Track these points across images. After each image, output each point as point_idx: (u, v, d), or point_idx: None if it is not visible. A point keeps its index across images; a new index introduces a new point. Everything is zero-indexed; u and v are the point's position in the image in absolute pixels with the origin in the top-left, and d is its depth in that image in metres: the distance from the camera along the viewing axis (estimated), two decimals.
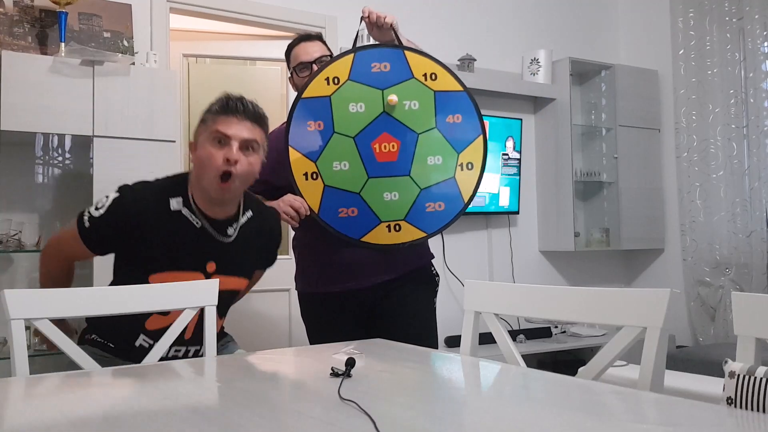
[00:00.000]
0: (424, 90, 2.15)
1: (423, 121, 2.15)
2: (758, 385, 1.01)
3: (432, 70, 2.17)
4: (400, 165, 2.14)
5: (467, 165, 2.15)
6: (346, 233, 2.12)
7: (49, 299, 1.52)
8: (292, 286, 3.39)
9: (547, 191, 4.36)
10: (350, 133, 2.14)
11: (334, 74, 2.15)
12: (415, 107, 2.15)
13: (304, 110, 2.16)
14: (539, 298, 1.54)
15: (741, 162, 4.12)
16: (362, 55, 2.16)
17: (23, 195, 2.80)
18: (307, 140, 2.14)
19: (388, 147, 2.13)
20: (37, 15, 2.77)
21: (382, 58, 2.16)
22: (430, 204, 2.15)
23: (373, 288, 2.24)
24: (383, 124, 2.14)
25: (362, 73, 2.15)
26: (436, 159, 2.15)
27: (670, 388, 1.81)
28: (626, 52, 4.81)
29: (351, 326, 2.25)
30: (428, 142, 2.15)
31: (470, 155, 2.16)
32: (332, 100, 2.14)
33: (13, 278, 2.76)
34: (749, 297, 1.18)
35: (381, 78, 2.15)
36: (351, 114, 2.14)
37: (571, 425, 0.94)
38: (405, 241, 2.14)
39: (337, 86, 2.15)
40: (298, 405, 1.09)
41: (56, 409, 1.08)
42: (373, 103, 2.14)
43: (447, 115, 2.15)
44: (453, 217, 2.16)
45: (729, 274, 4.13)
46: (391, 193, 2.13)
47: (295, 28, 3.63)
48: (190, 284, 1.73)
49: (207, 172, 1.77)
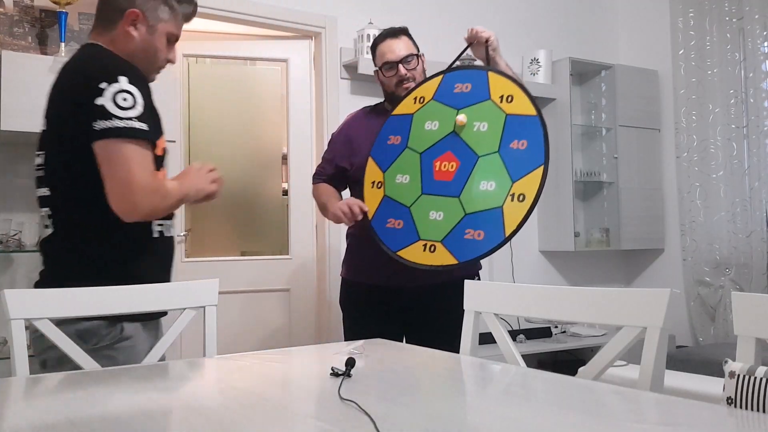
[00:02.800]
0: (496, 112, 2.05)
1: (488, 144, 2.03)
2: (758, 385, 1.01)
3: (510, 92, 2.06)
4: (453, 186, 2.05)
5: (519, 196, 1.93)
6: (386, 243, 2.12)
7: (49, 299, 1.52)
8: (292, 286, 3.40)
9: (547, 191, 4.34)
10: (419, 149, 2.16)
11: (422, 94, 2.22)
12: (484, 129, 2.05)
13: (390, 126, 2.26)
14: (539, 298, 1.54)
15: (741, 162, 4.12)
16: (449, 76, 2.20)
17: (23, 195, 2.80)
18: (385, 153, 2.22)
19: (447, 166, 2.08)
20: (37, 15, 2.77)
21: (466, 78, 2.16)
22: (470, 231, 1.98)
23: (416, 289, 2.25)
24: (450, 144, 2.10)
25: (445, 93, 2.17)
26: (488, 185, 1.99)
27: (670, 388, 1.81)
28: (626, 52, 4.81)
29: (387, 322, 2.27)
30: (486, 166, 2.02)
31: (525, 186, 1.94)
32: (414, 117, 2.21)
33: (13, 278, 2.77)
34: (749, 297, 1.18)
35: (460, 98, 2.13)
36: (425, 131, 2.15)
37: (571, 425, 0.94)
38: (433, 264, 2.03)
39: (421, 105, 2.20)
40: (298, 405, 1.09)
41: (56, 409, 1.08)
42: (446, 122, 2.13)
43: (513, 139, 2.00)
44: (489, 249, 1.95)
45: (729, 274, 4.13)
46: (437, 213, 2.05)
47: (295, 28, 3.63)
48: (190, 284, 1.73)
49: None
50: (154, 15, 1.69)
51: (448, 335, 2.26)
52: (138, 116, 1.54)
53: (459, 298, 2.26)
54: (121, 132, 1.51)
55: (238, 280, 3.55)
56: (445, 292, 2.24)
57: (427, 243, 2.04)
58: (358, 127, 2.40)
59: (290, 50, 3.74)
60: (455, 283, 2.25)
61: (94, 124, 1.50)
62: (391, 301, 2.30)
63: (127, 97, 1.53)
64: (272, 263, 3.68)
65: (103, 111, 1.50)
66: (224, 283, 2.28)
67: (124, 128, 1.51)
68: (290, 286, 3.64)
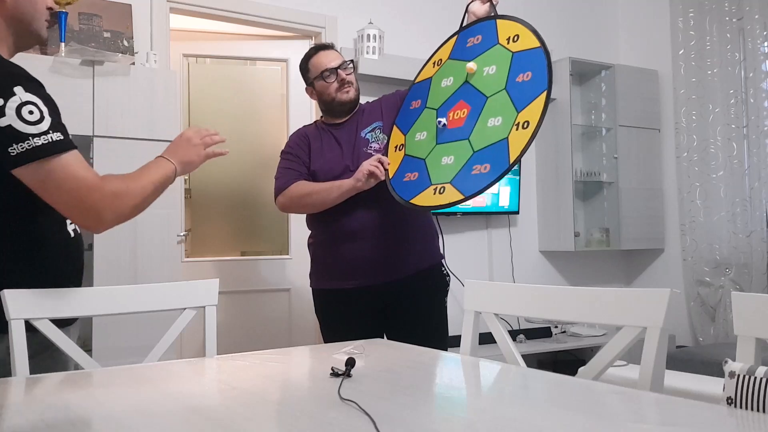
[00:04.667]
0: (504, 53, 2.04)
1: (496, 84, 2.02)
2: (758, 385, 1.01)
3: (516, 32, 2.05)
4: (465, 129, 2.04)
5: (523, 124, 1.88)
6: (399, 194, 2.11)
7: (49, 299, 1.52)
8: (292, 286, 3.41)
9: (547, 191, 4.36)
10: (435, 105, 2.18)
11: (439, 57, 2.27)
12: (492, 72, 2.05)
13: (413, 93, 2.32)
14: (539, 298, 1.54)
15: (741, 162, 4.12)
16: (463, 34, 2.22)
17: None
18: (407, 117, 2.27)
19: (459, 114, 2.08)
20: None
21: (477, 32, 2.18)
22: (477, 166, 1.95)
23: (384, 286, 2.26)
24: (462, 93, 2.11)
25: (459, 50, 2.20)
26: (496, 120, 1.97)
27: (670, 388, 1.81)
28: (626, 52, 4.81)
29: (363, 324, 2.28)
30: (494, 104, 2.00)
31: (529, 114, 1.89)
32: (432, 80, 2.25)
33: None
34: (749, 297, 1.18)
35: (473, 51, 2.14)
36: (442, 89, 2.18)
37: (571, 425, 0.94)
38: (439, 203, 1.98)
39: (439, 67, 2.24)
40: (298, 405, 1.09)
41: (56, 409, 1.08)
42: (459, 75, 2.14)
43: (518, 74, 1.98)
44: (493, 179, 1.91)
45: (729, 274, 4.13)
46: (448, 157, 2.04)
47: (295, 28, 3.63)
48: (190, 284, 1.73)
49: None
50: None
51: (430, 326, 2.30)
52: (51, 126, 1.37)
53: (427, 289, 2.34)
54: (43, 151, 1.34)
55: (238, 280, 3.56)
56: (414, 286, 2.30)
57: (437, 186, 2.02)
58: (314, 138, 2.41)
59: (290, 50, 3.74)
60: (420, 275, 2.31)
61: (10, 150, 1.32)
62: (361, 303, 2.30)
63: (32, 108, 1.35)
64: (272, 263, 3.68)
65: (14, 133, 1.32)
66: (224, 283, 2.29)
67: (45, 145, 1.34)
68: (290, 286, 3.64)
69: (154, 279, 2.71)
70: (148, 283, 2.44)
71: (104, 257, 2.65)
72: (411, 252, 2.31)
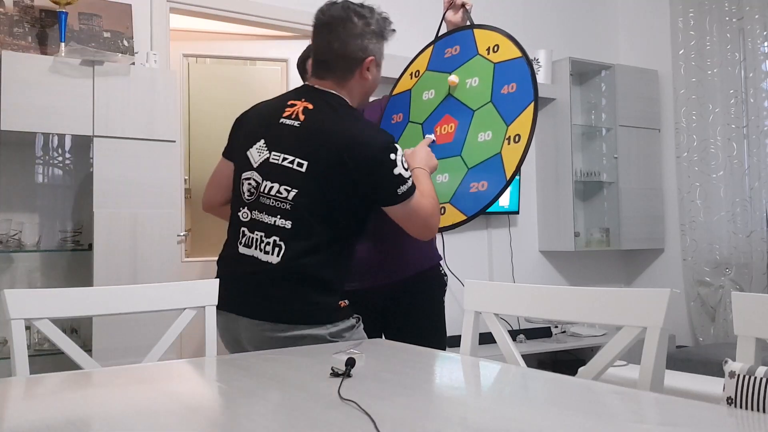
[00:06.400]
0: (485, 64, 2.03)
1: (481, 96, 2.01)
2: (758, 385, 1.01)
3: (495, 42, 2.04)
4: (455, 145, 2.02)
5: (515, 138, 1.89)
6: None
7: (49, 299, 1.52)
8: None
9: (547, 191, 4.36)
10: (419, 120, 2.15)
11: (416, 68, 2.23)
12: (476, 84, 2.03)
13: (391, 106, 2.27)
14: (539, 298, 1.54)
15: (741, 162, 4.12)
16: (439, 44, 2.19)
17: (23, 195, 2.81)
18: (390, 132, 2.20)
19: (447, 128, 2.06)
20: (37, 15, 2.77)
21: (454, 42, 2.15)
22: (474, 184, 1.95)
23: (381, 289, 2.25)
24: (447, 107, 2.08)
25: (437, 61, 2.16)
26: (486, 135, 1.97)
27: (670, 388, 1.81)
28: (626, 52, 4.81)
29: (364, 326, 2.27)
30: (482, 117, 1.99)
31: (519, 126, 1.90)
32: (412, 92, 2.21)
33: (13, 278, 2.77)
34: (749, 297, 1.18)
35: (452, 62, 2.12)
36: (424, 102, 2.15)
37: (571, 425, 0.94)
38: (445, 225, 1.99)
39: (417, 78, 2.21)
40: (297, 405, 1.09)
41: (56, 409, 1.08)
42: (441, 88, 2.11)
43: (503, 85, 1.97)
44: (493, 197, 1.92)
45: (729, 274, 4.13)
46: (442, 175, 2.02)
47: (295, 28, 3.63)
48: (190, 284, 1.73)
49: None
50: (381, 54, 1.88)
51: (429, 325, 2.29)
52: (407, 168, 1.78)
53: (425, 290, 2.31)
54: (413, 190, 1.76)
55: None
56: (413, 288, 2.27)
57: None
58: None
59: (290, 50, 3.73)
60: (418, 277, 2.29)
61: (398, 190, 1.73)
62: (360, 306, 2.29)
63: (403, 158, 1.77)
64: None
65: (401, 178, 1.74)
66: None
67: (413, 186, 1.76)
68: None
69: (154, 279, 2.71)
70: (148, 283, 2.43)
71: (104, 257, 2.65)
72: (411, 254, 2.30)
